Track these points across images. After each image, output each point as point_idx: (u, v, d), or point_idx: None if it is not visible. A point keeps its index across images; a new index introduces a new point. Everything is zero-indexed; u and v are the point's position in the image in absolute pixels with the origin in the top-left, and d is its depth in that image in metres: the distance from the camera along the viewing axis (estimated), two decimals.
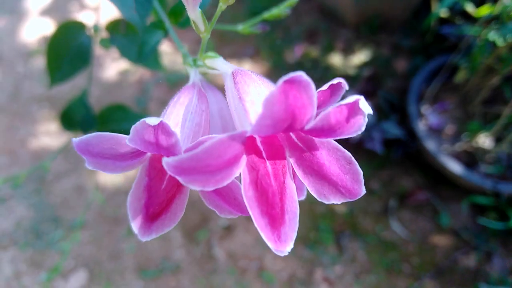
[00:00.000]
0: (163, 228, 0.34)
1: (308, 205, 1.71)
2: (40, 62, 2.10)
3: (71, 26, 0.78)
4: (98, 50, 1.92)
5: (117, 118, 0.85)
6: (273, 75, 2.00)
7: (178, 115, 0.35)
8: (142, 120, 0.28)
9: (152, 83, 2.02)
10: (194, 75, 0.41)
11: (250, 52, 2.13)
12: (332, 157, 0.31)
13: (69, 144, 1.80)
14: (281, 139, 0.32)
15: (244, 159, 0.29)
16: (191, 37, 2.11)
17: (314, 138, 0.31)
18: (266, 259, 1.59)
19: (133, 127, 0.29)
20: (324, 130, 0.28)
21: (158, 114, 1.52)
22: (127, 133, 0.88)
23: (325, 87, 0.35)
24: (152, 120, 0.28)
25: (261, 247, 1.62)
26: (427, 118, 1.67)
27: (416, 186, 1.73)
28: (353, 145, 1.79)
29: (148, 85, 2.02)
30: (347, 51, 2.17)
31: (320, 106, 0.40)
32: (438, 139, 1.64)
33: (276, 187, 0.30)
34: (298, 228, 0.31)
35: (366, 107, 0.28)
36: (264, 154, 0.31)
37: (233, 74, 0.34)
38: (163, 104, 1.90)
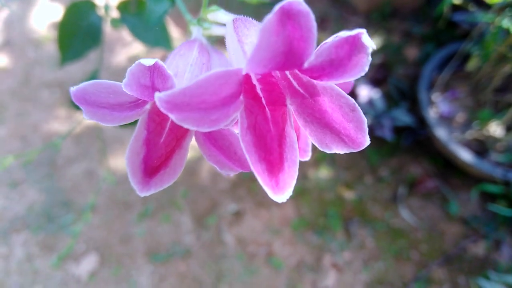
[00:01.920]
0: (162, 183, 0.34)
1: (318, 192, 1.71)
2: (50, 48, 2.11)
3: (82, 5, 0.78)
4: (108, 35, 1.92)
5: None
6: None
7: (177, 66, 0.34)
8: (137, 61, 0.27)
9: None
10: (196, 32, 0.40)
11: None
12: (334, 104, 0.29)
13: (79, 127, 1.81)
14: (281, 85, 0.31)
15: (241, 102, 0.28)
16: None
17: (315, 82, 0.29)
18: (275, 244, 1.61)
19: (128, 70, 0.28)
20: (325, 69, 0.26)
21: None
22: None
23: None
24: (148, 61, 0.27)
25: (270, 233, 1.63)
26: (437, 106, 1.66)
27: (426, 173, 1.73)
28: None
29: None
30: None
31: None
32: (449, 127, 1.63)
33: (275, 133, 0.29)
34: (307, 214, 0.30)
35: (369, 42, 0.25)
36: (263, 100, 0.30)
37: (233, 21, 0.33)
38: None
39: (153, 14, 0.51)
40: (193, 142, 0.37)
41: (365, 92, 1.74)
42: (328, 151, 0.30)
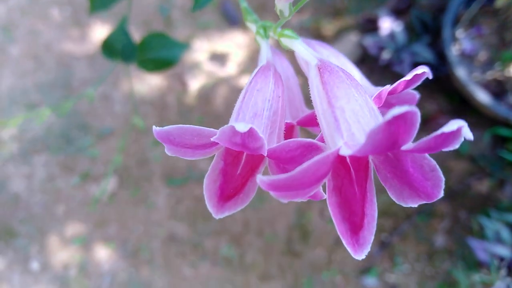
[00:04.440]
0: (235, 207, 0.36)
1: None
2: None
3: None
4: None
5: (156, 45, 0.84)
6: None
7: (255, 104, 0.35)
8: (231, 125, 0.29)
9: None
10: (266, 50, 0.40)
11: None
12: (416, 163, 0.30)
13: (93, 48, 1.79)
14: None
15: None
16: None
17: None
18: None
19: (221, 129, 0.30)
20: (420, 151, 0.28)
21: (182, 24, 1.51)
22: (167, 60, 0.86)
23: (408, 76, 0.35)
24: (241, 127, 0.28)
25: None
26: (460, 43, 1.62)
27: (440, 110, 1.73)
28: (381, 67, 1.76)
29: None
30: None
31: (394, 99, 0.40)
32: (469, 66, 1.61)
33: (358, 193, 0.31)
34: None
35: (468, 134, 0.26)
36: (348, 160, 0.31)
37: (319, 70, 0.33)
38: (187, 13, 1.84)
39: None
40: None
41: (387, 25, 1.68)
42: (403, 204, 0.31)
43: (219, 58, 1.81)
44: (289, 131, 0.43)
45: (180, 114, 1.73)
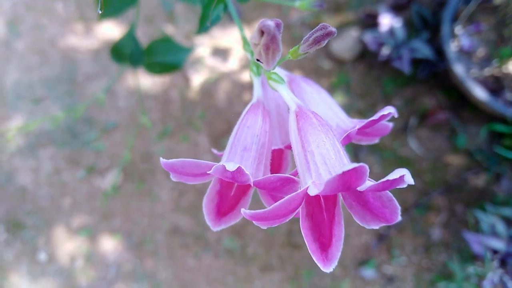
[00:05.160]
0: (230, 221, 0.43)
1: None
2: None
3: None
4: None
5: (162, 50, 0.88)
6: None
7: (245, 139, 0.41)
8: (222, 164, 0.35)
9: None
10: (258, 88, 0.45)
11: None
12: (376, 195, 0.37)
13: (97, 43, 1.81)
14: None
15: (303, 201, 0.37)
16: None
17: None
18: None
19: (214, 167, 0.36)
20: (373, 191, 0.35)
21: (185, 19, 1.53)
22: (172, 64, 0.89)
23: (375, 116, 0.42)
24: (231, 166, 0.34)
25: None
26: (459, 39, 1.64)
27: (438, 105, 1.76)
28: (380, 63, 1.79)
29: None
30: None
31: (368, 130, 0.46)
32: (468, 62, 1.63)
33: (326, 218, 0.37)
34: None
35: (410, 181, 0.33)
36: (320, 197, 0.38)
37: (296, 116, 0.39)
38: (190, 8, 1.86)
39: (207, 19, 0.52)
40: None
41: (387, 21, 1.70)
42: (366, 227, 0.38)
43: (221, 53, 1.83)
44: (279, 155, 0.50)
45: (183, 109, 1.77)
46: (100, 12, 0.74)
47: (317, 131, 0.37)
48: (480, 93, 1.54)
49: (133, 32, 0.84)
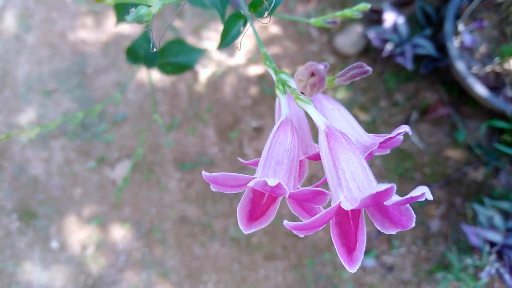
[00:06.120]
0: (260, 225, 0.48)
1: None
2: None
3: None
4: None
5: (175, 51, 0.92)
6: None
7: (278, 154, 0.46)
8: (264, 180, 0.40)
9: None
10: (285, 106, 0.49)
11: None
12: (395, 205, 0.42)
13: (106, 36, 1.85)
14: None
15: None
16: None
17: None
18: None
19: (255, 182, 0.42)
20: (397, 205, 0.40)
21: (192, 14, 1.56)
22: (184, 64, 0.94)
23: (393, 134, 0.47)
24: (272, 182, 0.39)
25: None
26: (462, 36, 1.67)
27: (440, 101, 1.80)
28: (383, 58, 1.82)
29: None
30: None
31: (383, 145, 0.51)
32: (469, 59, 1.67)
33: (353, 226, 0.43)
34: None
35: (429, 197, 0.37)
36: None
37: (326, 135, 0.44)
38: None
39: (228, 34, 0.56)
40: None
41: (391, 17, 1.73)
42: (385, 232, 0.43)
43: (228, 47, 1.87)
44: (300, 164, 0.55)
45: (191, 102, 1.81)
46: (116, 19, 0.78)
47: (346, 150, 0.42)
48: (480, 89, 1.57)
49: (148, 34, 0.88)
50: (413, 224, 0.41)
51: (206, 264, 1.67)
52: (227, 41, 0.58)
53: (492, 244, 1.45)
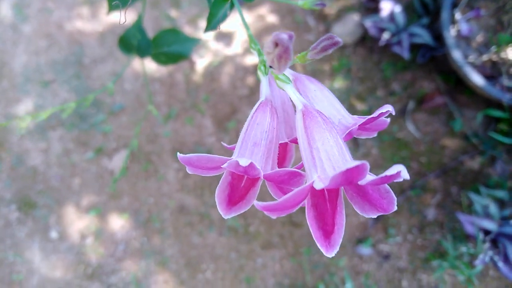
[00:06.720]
0: (239, 210, 0.47)
1: None
2: None
3: None
4: None
5: (169, 41, 0.92)
6: None
7: (255, 136, 0.44)
8: (236, 160, 0.39)
9: None
10: (266, 86, 0.48)
11: None
12: (374, 187, 0.41)
13: (102, 27, 1.84)
14: None
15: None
16: None
17: None
18: None
19: (228, 162, 0.40)
20: (372, 185, 0.39)
21: (189, 3, 1.57)
22: (179, 54, 0.94)
23: (375, 114, 0.45)
24: (244, 162, 0.38)
25: None
26: (458, 25, 1.67)
27: (436, 90, 1.81)
28: (380, 48, 1.82)
29: None
30: None
31: (367, 126, 0.50)
32: (466, 48, 1.67)
33: (330, 208, 0.41)
34: None
35: (406, 176, 0.36)
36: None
37: (302, 115, 0.43)
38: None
39: (215, 17, 0.56)
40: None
41: (388, 6, 1.73)
42: (365, 215, 0.42)
43: (225, 37, 1.87)
44: (284, 148, 0.54)
45: (188, 92, 1.81)
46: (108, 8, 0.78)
47: (322, 129, 0.41)
48: (477, 78, 1.58)
49: (140, 23, 0.88)
50: (395, 208, 0.40)
51: (204, 253, 1.69)
52: (213, 24, 0.58)
53: (487, 232, 1.47)
